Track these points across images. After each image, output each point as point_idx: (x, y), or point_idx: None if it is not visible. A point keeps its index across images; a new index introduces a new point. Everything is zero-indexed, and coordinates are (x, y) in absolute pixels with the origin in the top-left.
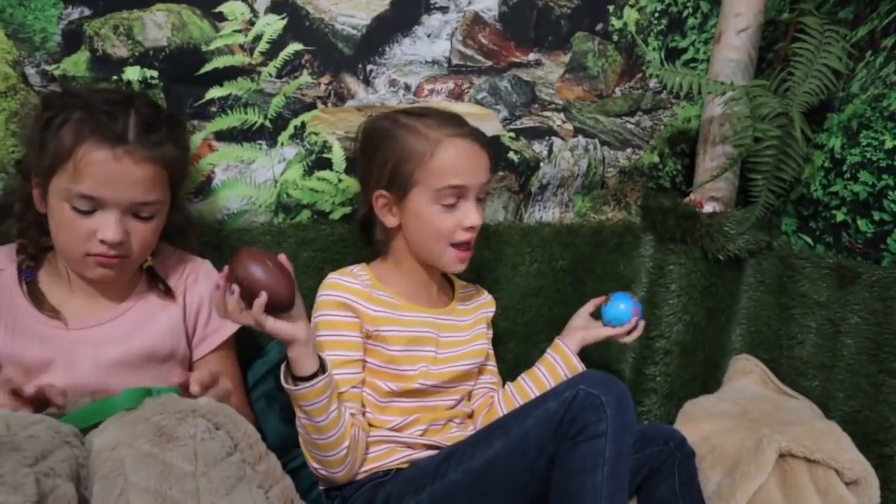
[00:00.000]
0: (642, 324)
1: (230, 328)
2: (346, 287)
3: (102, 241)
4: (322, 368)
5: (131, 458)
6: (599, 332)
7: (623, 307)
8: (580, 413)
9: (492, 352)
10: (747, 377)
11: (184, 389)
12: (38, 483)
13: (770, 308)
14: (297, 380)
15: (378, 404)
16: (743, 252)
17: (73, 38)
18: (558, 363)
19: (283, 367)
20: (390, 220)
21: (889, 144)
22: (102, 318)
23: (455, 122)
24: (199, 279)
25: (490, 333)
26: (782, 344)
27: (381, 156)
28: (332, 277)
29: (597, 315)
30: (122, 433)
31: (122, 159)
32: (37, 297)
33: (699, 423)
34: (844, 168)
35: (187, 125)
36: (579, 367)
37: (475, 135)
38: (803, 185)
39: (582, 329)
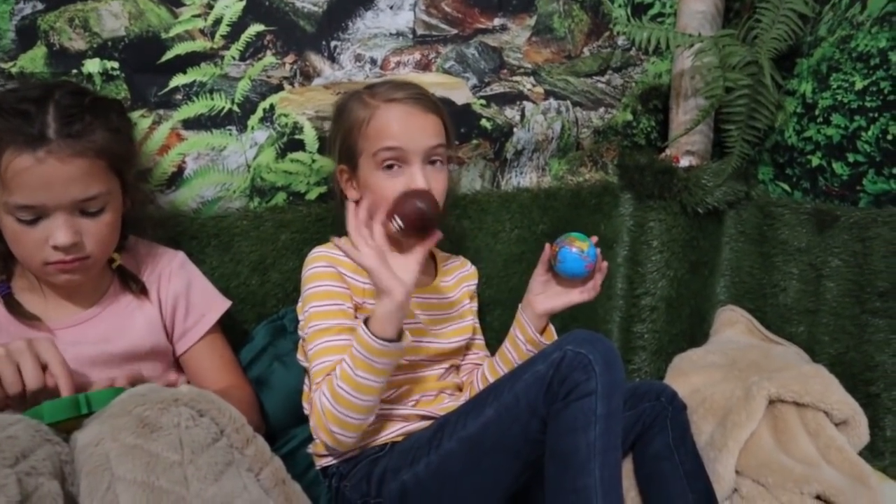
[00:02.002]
0: (604, 266)
1: (212, 317)
2: (337, 259)
3: (56, 248)
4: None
5: (116, 452)
6: (561, 300)
7: (572, 258)
8: (569, 373)
9: (478, 325)
10: (734, 327)
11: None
12: (21, 483)
13: (752, 257)
14: (381, 339)
15: None
16: (722, 204)
17: (27, 34)
18: (522, 343)
19: (363, 326)
20: (352, 194)
21: (859, 85)
22: (79, 319)
23: (400, 89)
24: (173, 274)
25: (475, 306)
26: (766, 292)
27: (335, 129)
28: (321, 250)
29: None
30: (104, 427)
31: (47, 161)
32: (14, 308)
33: (689, 376)
34: (817, 112)
35: (122, 105)
36: (543, 342)
37: (417, 99)
38: (777, 132)
39: (541, 296)
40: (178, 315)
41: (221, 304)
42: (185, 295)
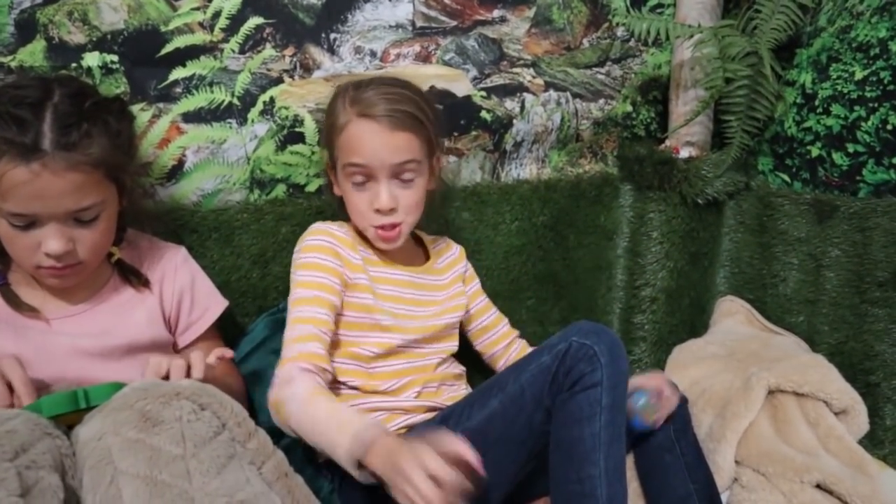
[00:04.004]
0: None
1: (214, 313)
2: (334, 234)
3: (48, 255)
4: None
5: (118, 446)
6: None
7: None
8: (574, 364)
9: (487, 302)
10: (733, 318)
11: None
12: (21, 476)
13: (752, 248)
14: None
15: (366, 371)
16: (721, 194)
17: (26, 28)
18: None
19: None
20: (336, 190)
21: (859, 76)
22: (77, 310)
23: (380, 101)
24: (177, 268)
25: (472, 287)
26: (766, 282)
27: (324, 123)
28: (319, 224)
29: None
30: (106, 422)
31: (41, 174)
32: (12, 300)
33: (688, 368)
34: (816, 103)
35: (124, 103)
36: None
37: (390, 117)
38: (777, 122)
39: None
40: (182, 309)
41: (222, 300)
42: (190, 290)
